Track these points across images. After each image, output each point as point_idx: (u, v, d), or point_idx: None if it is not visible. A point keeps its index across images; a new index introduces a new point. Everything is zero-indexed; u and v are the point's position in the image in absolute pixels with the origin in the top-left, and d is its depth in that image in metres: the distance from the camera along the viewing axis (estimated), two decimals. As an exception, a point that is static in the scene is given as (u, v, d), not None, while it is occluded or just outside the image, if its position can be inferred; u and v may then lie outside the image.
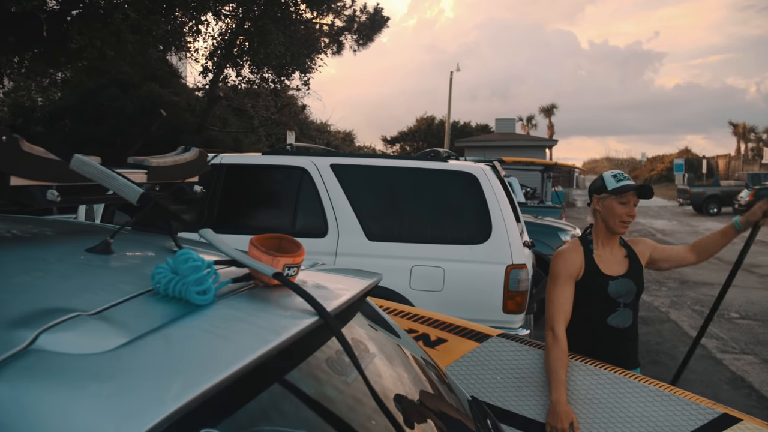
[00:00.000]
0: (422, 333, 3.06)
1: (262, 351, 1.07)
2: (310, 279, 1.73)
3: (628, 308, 2.96)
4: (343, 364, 1.46)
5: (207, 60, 13.40)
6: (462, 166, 4.88)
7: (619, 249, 3.04)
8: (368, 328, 1.91)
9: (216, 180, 5.16)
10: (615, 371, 2.78)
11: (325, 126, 28.32)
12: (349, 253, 4.76)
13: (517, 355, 2.97)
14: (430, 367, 2.02)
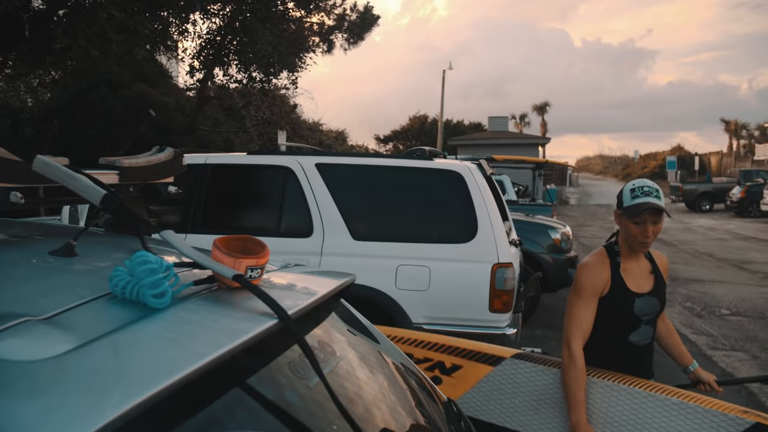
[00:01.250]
0: (437, 361, 3.01)
1: (212, 356, 1.04)
2: (278, 280, 1.70)
3: (650, 325, 2.85)
4: (308, 367, 1.43)
5: (193, 59, 13.35)
6: (447, 164, 4.85)
7: (644, 263, 2.88)
8: (346, 332, 1.88)
9: (201, 180, 5.12)
10: (634, 384, 2.67)
11: (318, 125, 28.28)
12: (335, 253, 4.74)
13: (533, 376, 2.88)
14: (409, 373, 1.99)
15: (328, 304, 1.75)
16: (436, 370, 2.98)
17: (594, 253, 2.89)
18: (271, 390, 1.30)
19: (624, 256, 2.83)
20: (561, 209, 32.18)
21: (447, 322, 4.57)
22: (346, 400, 1.44)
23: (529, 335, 7.77)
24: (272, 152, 5.31)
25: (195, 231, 5.01)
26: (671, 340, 3.06)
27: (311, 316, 1.61)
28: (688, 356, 3.04)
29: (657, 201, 2.67)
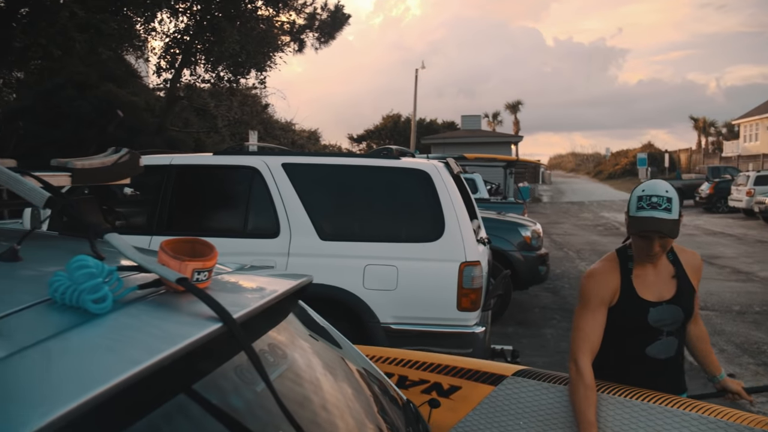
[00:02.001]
0: (434, 382, 2.83)
1: (147, 363, 1.02)
2: (230, 283, 1.68)
3: (673, 337, 2.55)
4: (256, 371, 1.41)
5: (160, 59, 13.21)
6: (414, 163, 4.84)
7: (665, 266, 2.57)
8: (303, 335, 1.85)
9: (167, 181, 5.06)
10: (649, 399, 2.44)
11: (290, 125, 28.17)
12: (302, 254, 4.71)
13: (538, 394, 2.66)
14: (371, 377, 1.97)
15: (282, 306, 1.72)
16: (433, 392, 2.80)
17: (603, 258, 2.65)
18: (216, 395, 1.28)
19: (638, 261, 2.56)
20: (534, 207, 32.39)
21: (415, 322, 4.56)
22: (296, 405, 1.42)
23: (500, 333, 7.81)
24: (238, 152, 5.27)
25: (161, 233, 4.94)
26: (701, 346, 2.79)
27: (263, 318, 1.58)
28: (717, 365, 2.79)
29: (664, 215, 2.37)
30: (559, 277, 11.91)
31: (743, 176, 26.71)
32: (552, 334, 7.87)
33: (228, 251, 4.75)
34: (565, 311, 9.12)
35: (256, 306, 1.41)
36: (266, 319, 1.61)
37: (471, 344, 4.51)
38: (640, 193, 2.45)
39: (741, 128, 47.83)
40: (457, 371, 2.81)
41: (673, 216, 2.38)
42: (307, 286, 1.90)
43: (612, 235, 19.76)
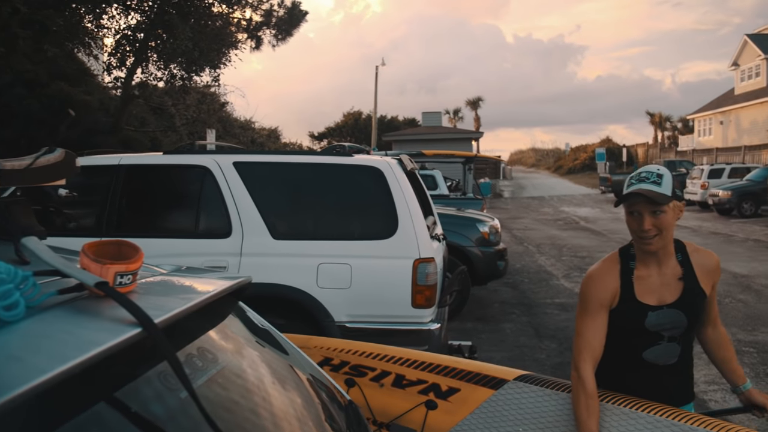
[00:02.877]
0: (432, 383, 2.74)
1: (55, 371, 0.97)
2: (159, 286, 1.63)
3: (675, 343, 2.40)
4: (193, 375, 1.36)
5: (110, 56, 12.95)
6: (367, 160, 4.81)
7: (671, 267, 2.41)
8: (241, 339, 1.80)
9: (115, 181, 4.95)
10: (654, 411, 2.33)
11: (250, 123, 27.92)
12: (254, 253, 4.64)
13: (539, 401, 2.56)
14: (318, 384, 1.93)
15: (217, 308, 1.67)
16: (430, 393, 2.70)
17: (604, 258, 2.51)
18: (141, 402, 1.23)
19: (641, 260, 2.41)
20: (495, 202, 32.63)
21: (370, 320, 4.54)
22: (223, 410, 1.38)
23: (459, 329, 7.83)
24: (189, 151, 5.18)
25: (110, 234, 4.84)
26: (722, 353, 2.60)
27: (194, 321, 1.53)
28: (741, 374, 2.59)
29: (652, 188, 2.26)
30: (519, 272, 11.99)
31: (697, 170, 27.28)
32: (511, 328, 7.91)
33: (179, 252, 4.69)
34: (524, 306, 9.18)
35: (183, 309, 1.37)
36: (198, 321, 1.57)
37: (427, 341, 4.50)
38: (632, 173, 2.39)
39: (695, 123, 48.80)
40: (457, 373, 2.71)
41: (663, 191, 2.26)
42: (245, 287, 1.86)
43: (572, 229, 19.99)
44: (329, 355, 2.93)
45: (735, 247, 14.82)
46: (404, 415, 2.69)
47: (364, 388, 2.80)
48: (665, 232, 2.31)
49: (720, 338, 2.60)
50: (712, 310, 2.57)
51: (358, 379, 2.83)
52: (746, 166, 26.68)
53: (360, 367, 2.86)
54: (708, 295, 2.45)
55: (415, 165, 5.82)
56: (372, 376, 2.82)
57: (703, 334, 2.62)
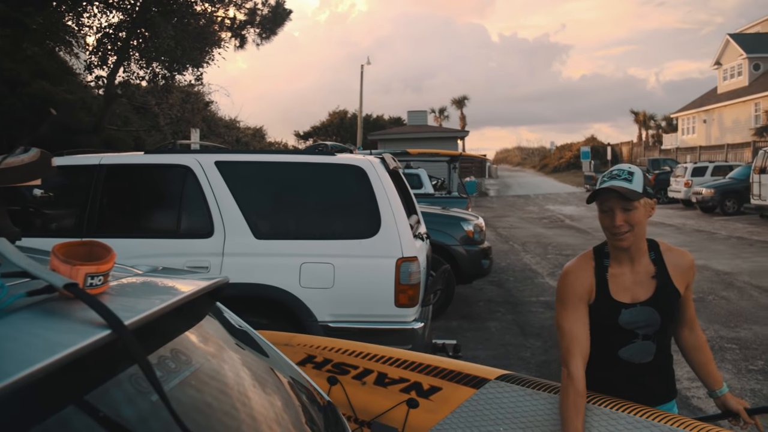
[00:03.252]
0: (414, 381, 2.72)
1: (19, 375, 0.95)
2: (133, 287, 1.60)
3: (650, 341, 2.40)
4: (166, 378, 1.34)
5: (91, 55, 12.81)
6: (349, 159, 4.79)
7: (644, 266, 2.42)
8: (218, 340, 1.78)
9: (96, 182, 4.90)
10: (636, 412, 2.32)
11: (234, 122, 27.80)
12: (237, 253, 4.61)
13: (521, 400, 2.55)
14: (297, 385, 1.91)
15: (192, 309, 1.66)
16: (412, 392, 2.69)
17: (579, 256, 2.53)
18: (108, 406, 1.21)
19: (615, 258, 2.43)
20: (481, 201, 32.70)
21: (353, 319, 4.52)
22: (196, 412, 1.36)
23: (445, 327, 7.83)
24: (170, 151, 5.14)
25: (91, 234, 4.79)
26: (699, 356, 2.60)
27: (168, 322, 1.52)
28: (717, 377, 2.59)
29: (623, 184, 2.30)
30: (504, 270, 12.02)
31: (681, 168, 27.46)
32: (496, 327, 7.92)
33: (161, 252, 4.66)
34: (509, 304, 9.20)
35: (155, 310, 1.35)
36: (173, 322, 1.55)
37: (410, 340, 4.49)
38: (605, 172, 2.41)
39: (679, 121, 49.12)
40: (439, 371, 2.70)
41: (634, 187, 2.29)
42: (222, 288, 1.84)
43: (557, 227, 20.07)
44: (312, 352, 2.92)
45: (718, 245, 14.92)
46: (385, 413, 2.69)
47: (346, 386, 2.80)
48: (636, 229, 2.33)
49: (697, 341, 2.60)
50: (688, 311, 2.58)
51: (340, 377, 2.82)
52: (729, 165, 26.89)
53: (343, 365, 2.85)
54: (682, 294, 2.46)
55: (399, 164, 5.81)
56: (354, 374, 2.81)
57: (680, 337, 2.61)
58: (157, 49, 11.91)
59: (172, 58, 12.65)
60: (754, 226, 18.27)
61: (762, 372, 6.03)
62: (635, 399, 2.39)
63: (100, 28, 12.99)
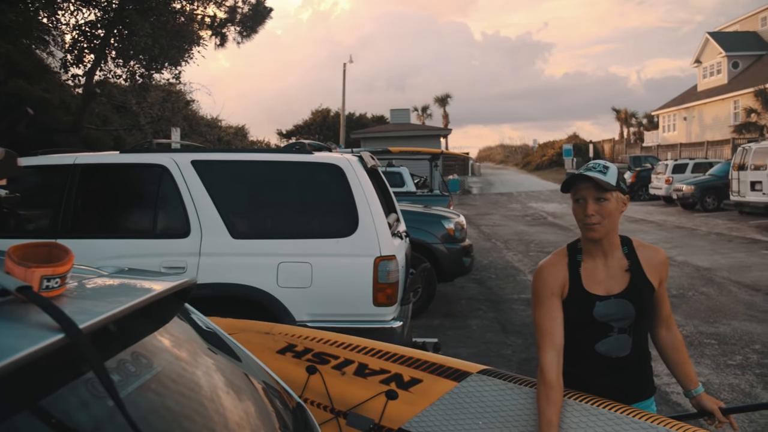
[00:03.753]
0: (394, 373, 2.70)
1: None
2: (94, 289, 1.57)
3: (626, 334, 2.42)
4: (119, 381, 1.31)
5: (66, 53, 12.64)
6: (327, 157, 4.76)
7: (617, 260, 2.46)
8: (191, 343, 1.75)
9: (70, 181, 4.84)
10: (615, 409, 2.33)
11: (216, 121, 27.65)
12: (213, 253, 4.57)
13: (501, 394, 2.54)
14: (269, 389, 1.89)
15: (157, 312, 1.62)
16: (392, 383, 2.67)
17: (552, 253, 2.57)
18: (62, 412, 1.18)
19: (587, 253, 2.47)
20: (464, 198, 32.75)
21: (331, 319, 4.49)
22: (156, 417, 1.34)
23: (426, 325, 7.82)
24: (146, 150, 5.08)
25: (65, 235, 4.73)
26: (675, 355, 2.60)
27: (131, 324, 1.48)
28: (693, 378, 2.60)
29: (598, 175, 2.34)
30: (486, 268, 12.03)
31: (662, 165, 27.66)
32: (477, 324, 7.92)
33: (137, 253, 4.61)
34: (491, 302, 9.21)
35: (113, 313, 1.32)
36: (137, 325, 1.52)
37: (389, 339, 4.46)
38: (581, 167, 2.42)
39: (660, 119, 49.48)
40: (421, 363, 2.69)
41: (608, 179, 2.34)
42: (190, 289, 1.81)
43: (539, 225, 20.14)
44: (293, 341, 2.89)
45: (698, 241, 15.04)
46: (363, 404, 2.66)
47: (325, 376, 2.77)
48: (608, 221, 2.36)
49: (674, 341, 2.61)
50: (664, 309, 2.58)
51: (320, 367, 2.79)
52: (709, 161, 27.14)
53: (323, 355, 2.82)
54: (656, 289, 2.48)
55: (377, 162, 5.79)
56: (334, 364, 2.79)
57: (658, 336, 2.62)
58: (135, 47, 11.76)
59: (150, 56, 12.52)
60: (733, 222, 18.43)
61: (740, 367, 6.07)
62: (614, 395, 2.41)
63: (76, 25, 12.82)
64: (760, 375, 5.82)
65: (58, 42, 13.43)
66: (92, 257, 4.48)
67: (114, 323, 1.36)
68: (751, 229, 16.81)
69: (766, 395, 5.35)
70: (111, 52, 12.99)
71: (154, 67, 13.32)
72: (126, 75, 13.64)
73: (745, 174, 17.27)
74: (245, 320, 3.20)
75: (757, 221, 18.15)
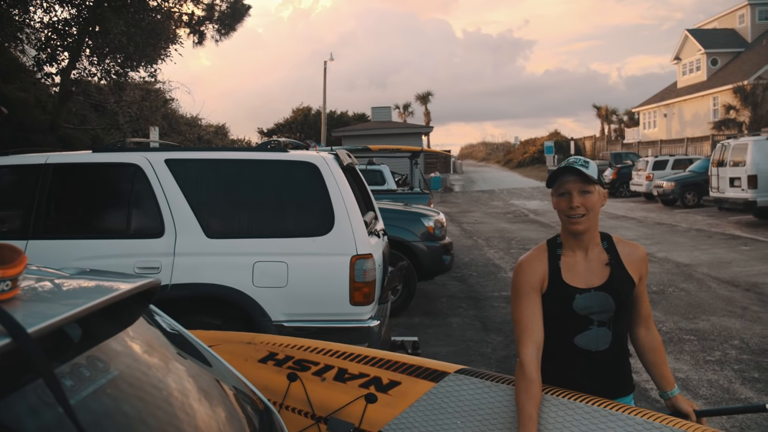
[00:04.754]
0: (373, 376, 2.71)
1: None
2: (50, 291, 1.53)
3: (605, 327, 2.42)
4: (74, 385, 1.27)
5: (39, 51, 12.44)
6: (302, 155, 4.72)
7: (597, 254, 2.48)
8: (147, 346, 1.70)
9: (42, 182, 4.76)
10: (593, 402, 2.33)
11: (196, 120, 27.42)
12: (188, 253, 4.51)
13: (479, 393, 2.55)
14: (238, 393, 1.85)
15: (118, 314, 1.58)
16: (371, 387, 2.68)
17: (532, 248, 2.58)
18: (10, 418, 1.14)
19: (568, 247, 2.49)
20: (446, 196, 32.80)
21: (308, 318, 4.46)
22: (111, 422, 1.30)
23: (407, 324, 7.80)
24: (119, 149, 5.01)
25: (37, 236, 4.65)
26: (653, 356, 2.61)
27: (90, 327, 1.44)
28: (670, 379, 2.61)
29: (580, 168, 2.38)
30: (467, 266, 12.04)
31: (642, 161, 27.83)
32: (458, 322, 7.92)
33: (110, 253, 4.55)
34: (471, 299, 9.21)
35: (66, 316, 1.27)
36: (95, 327, 1.47)
37: (366, 339, 4.44)
38: (559, 163, 2.46)
39: (641, 116, 49.81)
40: (399, 366, 2.70)
41: (590, 173, 2.38)
42: (154, 290, 1.76)
43: (521, 222, 20.21)
44: (274, 350, 2.91)
45: (678, 237, 15.15)
46: (343, 408, 2.67)
47: (305, 382, 2.77)
48: (591, 214, 2.39)
49: (653, 341, 2.61)
50: (643, 307, 2.59)
51: (300, 374, 2.80)
52: (689, 158, 27.33)
53: (304, 362, 2.83)
54: (636, 284, 2.49)
55: (354, 160, 5.75)
56: (315, 371, 2.80)
57: (636, 335, 2.62)
58: (109, 45, 11.59)
59: (125, 54, 12.35)
60: (713, 218, 18.59)
61: (719, 362, 6.11)
62: (593, 389, 2.41)
63: (49, 23, 12.63)
64: (738, 371, 5.85)
65: (31, 40, 13.24)
66: (65, 258, 4.42)
67: (70, 326, 1.32)
68: (730, 225, 16.95)
69: (745, 391, 5.38)
70: (85, 50, 12.81)
71: (129, 65, 13.15)
72: (101, 73, 13.47)
73: (724, 170, 17.38)
74: (227, 332, 3.23)
75: (736, 217, 18.32)
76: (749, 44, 40.79)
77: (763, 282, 9.71)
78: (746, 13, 41.73)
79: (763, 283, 9.66)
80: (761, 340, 6.76)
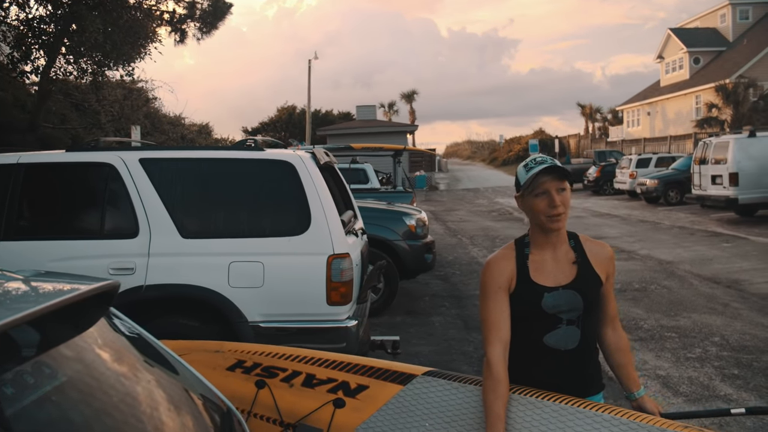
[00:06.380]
0: (341, 381, 2.68)
1: None
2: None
3: (574, 326, 2.41)
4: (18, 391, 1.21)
5: (13, 49, 12.27)
6: (279, 154, 4.67)
7: (564, 253, 2.48)
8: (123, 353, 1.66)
9: (14, 182, 4.67)
10: (561, 401, 2.33)
11: (179, 119, 27.25)
12: (163, 254, 4.45)
13: (447, 394, 2.54)
14: (197, 396, 1.80)
15: (73, 317, 1.53)
16: (339, 392, 2.66)
17: (500, 248, 2.55)
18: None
19: (536, 246, 2.47)
20: (431, 195, 32.82)
21: (285, 319, 4.41)
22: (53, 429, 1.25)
23: (389, 323, 7.77)
24: (93, 148, 4.93)
25: (9, 238, 4.57)
26: (619, 357, 2.60)
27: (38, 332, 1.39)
28: (636, 380, 2.59)
29: (558, 164, 2.39)
30: (451, 264, 12.02)
31: (626, 159, 27.97)
32: (440, 321, 7.89)
33: (83, 254, 4.48)
34: (454, 298, 9.19)
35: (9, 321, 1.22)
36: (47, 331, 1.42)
37: (344, 339, 4.40)
38: (524, 163, 2.46)
39: (624, 114, 50.10)
40: (367, 370, 2.69)
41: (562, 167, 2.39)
42: (112, 292, 1.71)
43: (506, 220, 20.22)
44: (243, 357, 2.88)
45: (661, 234, 15.21)
46: (311, 414, 2.63)
47: (273, 389, 2.74)
48: (567, 211, 2.39)
49: (619, 341, 2.60)
50: (610, 307, 2.58)
51: (268, 381, 2.77)
52: (672, 156, 27.50)
53: (272, 369, 2.80)
54: (603, 282, 2.49)
55: (332, 158, 5.70)
56: (283, 377, 2.77)
57: (603, 336, 2.61)
58: (84, 43, 11.45)
59: (102, 52, 12.21)
60: (695, 216, 18.69)
61: (699, 360, 6.11)
62: (563, 388, 2.39)
63: (24, 20, 12.45)
64: (718, 368, 5.86)
65: (6, 37, 13.05)
66: (37, 260, 4.34)
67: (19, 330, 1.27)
68: (712, 223, 17.06)
69: (724, 387, 5.39)
70: (62, 48, 12.65)
71: (105, 64, 13.01)
72: (77, 72, 13.32)
73: (706, 168, 17.46)
74: (194, 341, 3.19)
75: (718, 215, 18.42)
76: (731, 43, 41.15)
77: (744, 279, 9.76)
78: (727, 13, 42.08)
79: (743, 280, 9.70)
80: (741, 336, 6.78)
